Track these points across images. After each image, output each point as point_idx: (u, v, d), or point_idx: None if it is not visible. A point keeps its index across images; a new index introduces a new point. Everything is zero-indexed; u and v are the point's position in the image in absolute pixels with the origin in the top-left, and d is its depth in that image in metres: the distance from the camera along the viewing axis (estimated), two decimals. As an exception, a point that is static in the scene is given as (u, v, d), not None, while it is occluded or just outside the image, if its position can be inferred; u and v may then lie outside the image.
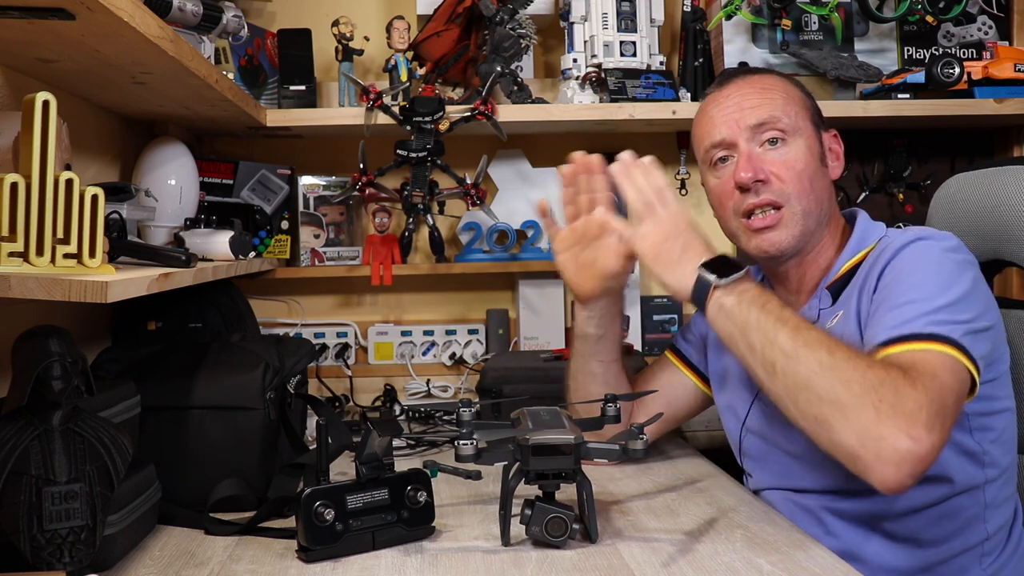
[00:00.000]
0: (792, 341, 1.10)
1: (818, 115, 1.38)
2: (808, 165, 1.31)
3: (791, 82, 1.38)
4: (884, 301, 1.19)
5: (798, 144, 1.31)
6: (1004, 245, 1.44)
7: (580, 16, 2.01)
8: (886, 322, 1.14)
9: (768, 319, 1.13)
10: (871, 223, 1.37)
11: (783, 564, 1.07)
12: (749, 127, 1.31)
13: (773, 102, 1.32)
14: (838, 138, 1.39)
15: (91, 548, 0.98)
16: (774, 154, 1.31)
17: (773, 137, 1.31)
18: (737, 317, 1.15)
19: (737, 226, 1.34)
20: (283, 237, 2.01)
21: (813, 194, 1.31)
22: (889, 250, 1.24)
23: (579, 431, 1.16)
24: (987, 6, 2.16)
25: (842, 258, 1.33)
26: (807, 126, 1.34)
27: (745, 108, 1.32)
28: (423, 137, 1.94)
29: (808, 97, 1.38)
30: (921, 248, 1.22)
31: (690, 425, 1.90)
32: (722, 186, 1.35)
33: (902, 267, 1.21)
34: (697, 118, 1.41)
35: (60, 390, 0.97)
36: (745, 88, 1.35)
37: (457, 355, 2.15)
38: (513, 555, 1.11)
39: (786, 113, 1.32)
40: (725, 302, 1.17)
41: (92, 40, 1.13)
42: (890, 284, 1.20)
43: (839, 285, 1.31)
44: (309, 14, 2.15)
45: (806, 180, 1.30)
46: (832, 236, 1.36)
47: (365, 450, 1.16)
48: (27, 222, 0.94)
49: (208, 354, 1.39)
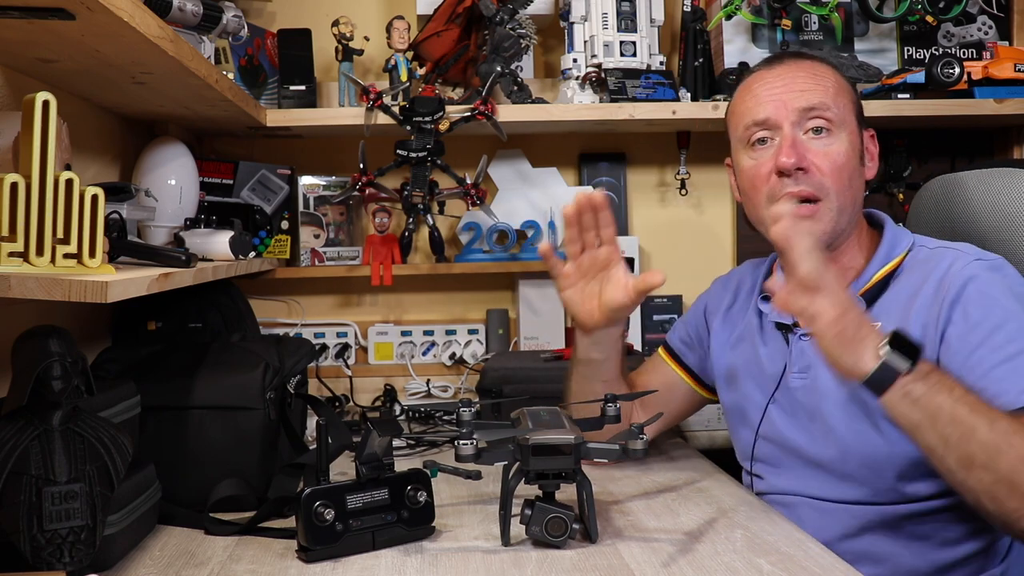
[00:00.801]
0: (991, 434, 1.04)
1: (861, 112, 1.35)
2: (849, 161, 1.28)
3: (843, 74, 1.35)
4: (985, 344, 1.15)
5: (842, 138, 1.28)
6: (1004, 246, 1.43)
7: (580, 16, 2.01)
8: (1013, 380, 1.12)
9: (962, 408, 1.06)
10: (897, 228, 1.35)
11: (783, 564, 1.07)
12: (797, 110, 1.28)
13: (825, 89, 1.29)
14: (875, 139, 1.36)
15: (91, 548, 0.98)
16: (818, 143, 1.28)
17: (819, 126, 1.28)
18: (928, 407, 1.06)
19: (766, 214, 1.29)
20: (283, 237, 2.01)
21: (850, 191, 1.28)
22: (957, 279, 1.20)
23: (579, 431, 1.16)
24: (987, 6, 2.16)
25: (873, 264, 1.31)
26: (852, 121, 1.31)
27: (795, 90, 1.29)
28: (423, 137, 1.94)
29: (856, 92, 1.35)
30: (997, 281, 1.20)
31: (690, 425, 1.90)
32: (757, 168, 1.31)
33: (989, 306, 1.17)
34: (739, 94, 1.37)
35: (60, 390, 0.97)
36: (797, 71, 1.31)
37: (457, 355, 2.15)
38: (513, 555, 1.11)
39: (836, 103, 1.29)
40: (913, 390, 1.06)
41: (92, 40, 1.13)
42: (982, 324, 1.16)
43: (873, 293, 1.29)
44: (309, 14, 2.15)
45: (846, 176, 1.27)
46: (857, 237, 1.34)
47: (365, 450, 1.16)
48: (27, 222, 0.94)
49: (208, 354, 1.39)
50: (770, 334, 1.39)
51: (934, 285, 1.22)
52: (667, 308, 2.20)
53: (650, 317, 2.19)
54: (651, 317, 2.20)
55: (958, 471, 1.07)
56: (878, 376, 1.07)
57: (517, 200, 2.16)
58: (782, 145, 1.28)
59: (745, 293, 1.48)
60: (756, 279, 1.47)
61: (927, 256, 1.27)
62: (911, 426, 1.09)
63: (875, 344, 1.07)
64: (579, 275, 1.37)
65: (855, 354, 1.07)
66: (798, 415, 1.33)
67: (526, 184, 2.17)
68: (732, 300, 1.50)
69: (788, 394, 1.35)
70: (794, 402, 1.34)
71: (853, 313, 1.08)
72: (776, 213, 1.10)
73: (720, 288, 1.55)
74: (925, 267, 1.25)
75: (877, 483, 1.24)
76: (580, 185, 2.21)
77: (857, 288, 1.30)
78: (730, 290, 1.52)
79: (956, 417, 1.05)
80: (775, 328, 1.39)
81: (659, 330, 2.18)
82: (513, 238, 2.10)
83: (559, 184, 2.18)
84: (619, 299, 1.34)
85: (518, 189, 2.17)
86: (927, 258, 1.27)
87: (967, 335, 1.16)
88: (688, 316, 1.59)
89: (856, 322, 1.08)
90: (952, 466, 1.07)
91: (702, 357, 1.53)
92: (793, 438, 1.33)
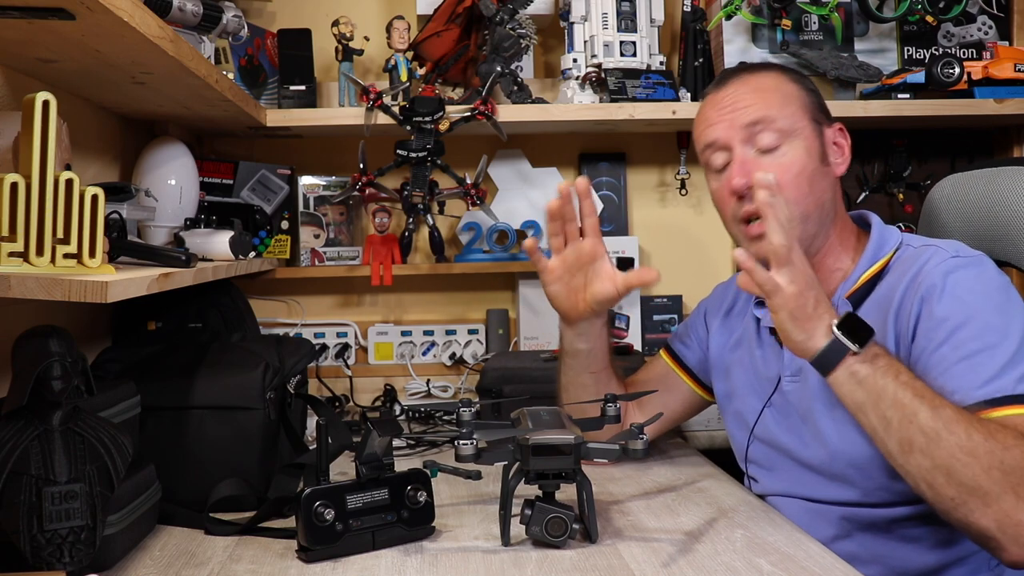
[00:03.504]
0: (933, 421, 1.06)
1: (820, 110, 1.34)
2: (805, 167, 1.28)
3: (790, 78, 1.35)
4: (948, 342, 1.15)
5: (795, 146, 1.29)
6: (1002, 245, 1.44)
7: (580, 16, 2.01)
8: (969, 378, 1.12)
9: (906, 393, 1.09)
10: (885, 228, 1.34)
11: (783, 564, 1.07)
12: (742, 126, 1.29)
13: (768, 102, 1.30)
14: (844, 132, 1.35)
15: (91, 548, 0.98)
16: (769, 158, 1.28)
17: (768, 145, 1.28)
18: (872, 387, 1.10)
19: (736, 231, 1.32)
20: (283, 237, 2.01)
21: (812, 195, 1.28)
22: (929, 276, 1.20)
23: (579, 431, 1.16)
24: (987, 6, 2.16)
25: (860, 266, 1.31)
26: (805, 124, 1.30)
27: (739, 108, 1.30)
28: (423, 137, 1.94)
29: (809, 92, 1.34)
30: (969, 278, 1.20)
31: (690, 425, 1.90)
32: (721, 191, 1.33)
33: (956, 303, 1.17)
34: (696, 119, 1.39)
35: (60, 390, 0.97)
36: (740, 88, 1.32)
37: (457, 355, 2.15)
38: (513, 555, 1.11)
39: (782, 114, 1.29)
40: (859, 370, 1.11)
41: (92, 40, 1.13)
42: (947, 321, 1.16)
43: (860, 295, 1.29)
44: (309, 14, 2.15)
45: (804, 183, 1.27)
46: (841, 238, 1.34)
47: (365, 450, 1.16)
48: (27, 222, 0.94)
49: (208, 354, 1.39)
50: (766, 339, 1.40)
51: (908, 283, 1.23)
52: (667, 308, 2.20)
53: (650, 317, 2.20)
54: (651, 317, 2.20)
55: (898, 455, 1.10)
56: (826, 353, 1.11)
57: (517, 200, 2.16)
58: (733, 167, 1.30)
59: (744, 298, 1.49)
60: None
61: (911, 255, 1.27)
62: (855, 406, 1.13)
63: (827, 323, 1.12)
64: (564, 269, 1.40)
65: (807, 331, 1.12)
66: (791, 418, 1.33)
67: (526, 184, 2.17)
68: (731, 305, 1.51)
69: (782, 397, 1.35)
70: (787, 405, 1.34)
71: (813, 292, 1.12)
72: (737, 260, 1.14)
73: (720, 293, 1.56)
74: (906, 266, 1.26)
75: (867, 484, 1.24)
76: (580, 185, 2.21)
77: (844, 290, 1.30)
78: (729, 295, 1.53)
79: (899, 400, 1.09)
80: (770, 333, 1.39)
81: (659, 330, 2.18)
82: (513, 238, 2.10)
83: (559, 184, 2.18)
84: (607, 291, 1.37)
85: (518, 189, 2.17)
86: (910, 256, 1.27)
87: (933, 331, 1.17)
88: (690, 320, 1.60)
89: (814, 301, 1.12)
90: (892, 449, 1.10)
91: (702, 359, 1.54)
92: (785, 440, 1.34)
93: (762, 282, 1.12)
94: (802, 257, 1.13)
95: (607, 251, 1.40)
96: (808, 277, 1.13)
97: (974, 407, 1.10)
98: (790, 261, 1.11)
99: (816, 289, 1.13)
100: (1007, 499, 1.03)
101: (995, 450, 1.04)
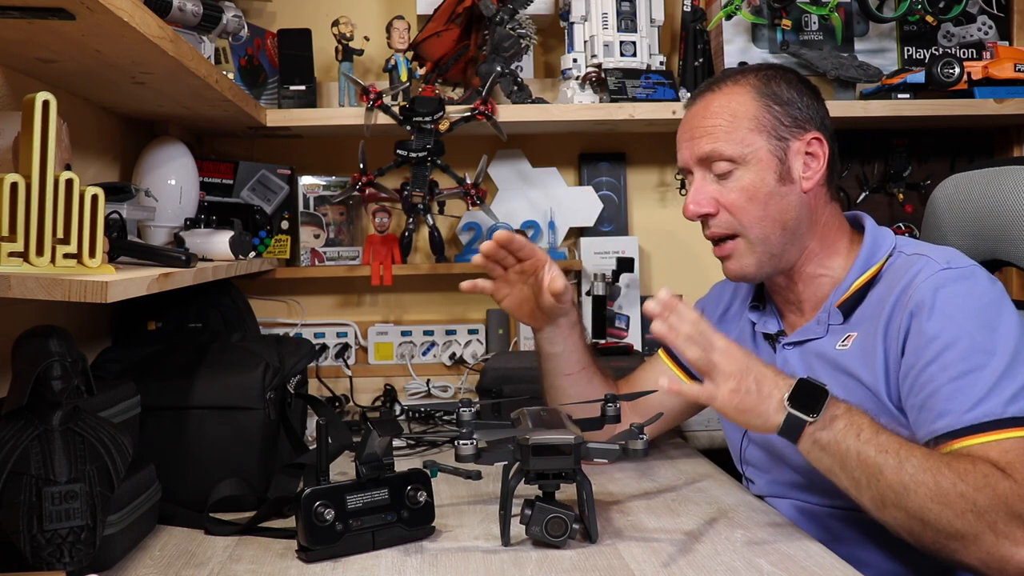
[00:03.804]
0: (898, 475, 1.06)
1: (784, 124, 1.29)
2: (758, 191, 1.27)
3: (753, 95, 1.30)
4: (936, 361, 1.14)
5: (749, 169, 1.28)
6: (1002, 245, 1.44)
7: (580, 16, 2.01)
8: (958, 400, 1.12)
9: (868, 450, 1.08)
10: (879, 232, 1.33)
11: (783, 564, 1.07)
12: (697, 158, 1.31)
13: (714, 132, 1.29)
14: (820, 140, 1.30)
15: (91, 548, 0.98)
16: (725, 183, 1.29)
17: (722, 172, 1.29)
18: (836, 452, 1.10)
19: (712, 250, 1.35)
20: (283, 237, 2.01)
21: (768, 218, 1.28)
22: (919, 290, 1.19)
23: (579, 431, 1.16)
24: (987, 6, 2.16)
25: (852, 274, 1.30)
26: (760, 145, 1.28)
27: (696, 138, 1.32)
28: (423, 137, 1.94)
29: (770, 105, 1.29)
30: (960, 294, 1.18)
31: (690, 425, 1.90)
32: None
33: (945, 321, 1.16)
34: None
35: (60, 390, 0.97)
36: (700, 112, 1.33)
37: (457, 355, 2.15)
38: (513, 555, 1.11)
39: (730, 140, 1.28)
40: (821, 437, 1.10)
41: (92, 40, 1.13)
42: (936, 340, 1.15)
43: (851, 304, 1.28)
44: (309, 14, 2.15)
45: (758, 207, 1.28)
46: (825, 244, 1.32)
47: (365, 450, 1.16)
48: (27, 222, 0.94)
49: (208, 354, 1.39)
50: (760, 343, 1.41)
51: (898, 295, 1.22)
52: (667, 308, 2.20)
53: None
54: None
55: (873, 510, 1.10)
56: (786, 429, 1.10)
57: (517, 200, 2.16)
58: (688, 195, 1.32)
59: (740, 300, 1.50)
60: (750, 287, 1.47)
61: (903, 263, 1.26)
62: (825, 470, 1.12)
63: (779, 399, 1.10)
64: (508, 285, 1.46)
65: (761, 415, 1.11)
66: None
67: (526, 184, 2.17)
68: (727, 306, 1.52)
69: None
70: None
71: (751, 374, 1.11)
72: (647, 312, 1.14)
73: (717, 294, 1.57)
74: (897, 275, 1.25)
75: None
76: (580, 185, 2.21)
77: (836, 298, 1.30)
78: (726, 296, 1.53)
79: (863, 460, 1.08)
80: (764, 338, 1.40)
81: (659, 330, 2.18)
82: (513, 238, 2.10)
83: (559, 184, 2.19)
84: (549, 299, 1.41)
85: (518, 189, 2.17)
86: (902, 264, 1.26)
87: (922, 349, 1.16)
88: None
89: (755, 384, 1.10)
90: (867, 505, 1.11)
91: None
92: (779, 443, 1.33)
93: (696, 397, 1.13)
94: (726, 344, 1.12)
95: (548, 259, 1.43)
96: (740, 362, 1.11)
97: (963, 432, 1.10)
98: (713, 364, 1.10)
99: (755, 368, 1.11)
100: (986, 538, 1.04)
101: (966, 493, 1.04)
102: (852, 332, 1.27)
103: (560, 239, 2.15)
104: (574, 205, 2.17)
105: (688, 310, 1.12)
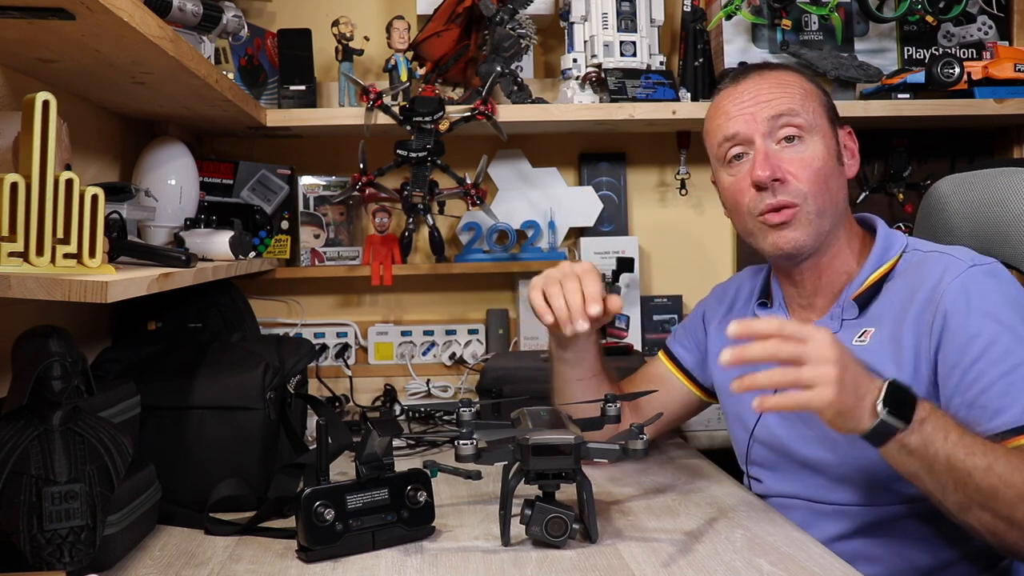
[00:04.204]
0: (987, 478, 1.05)
1: (834, 112, 1.35)
2: (825, 163, 1.29)
3: (808, 77, 1.36)
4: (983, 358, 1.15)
5: (815, 141, 1.29)
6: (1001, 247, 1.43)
7: (580, 16, 2.01)
8: (1012, 396, 1.12)
9: (957, 453, 1.06)
10: (890, 231, 1.34)
11: (783, 564, 1.07)
12: (766, 119, 1.29)
13: (791, 96, 1.30)
14: (852, 135, 1.37)
15: (91, 548, 0.98)
16: (791, 152, 1.28)
17: (790, 135, 1.29)
18: (924, 456, 1.07)
19: (753, 225, 1.31)
20: (283, 237, 2.01)
21: (828, 193, 1.29)
22: (951, 288, 1.19)
23: (579, 431, 1.16)
24: (987, 6, 2.16)
25: (866, 268, 1.30)
26: (824, 123, 1.31)
27: (761, 101, 1.30)
28: (423, 137, 1.94)
29: (825, 93, 1.35)
30: (992, 290, 1.19)
31: (690, 425, 1.90)
32: (737, 184, 1.32)
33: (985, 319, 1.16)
34: (710, 112, 1.38)
35: (60, 390, 0.97)
36: (761, 83, 1.32)
37: (457, 355, 2.15)
38: (513, 555, 1.11)
39: (804, 108, 1.30)
40: (909, 442, 1.06)
41: (92, 40, 1.13)
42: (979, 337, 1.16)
43: (866, 298, 1.28)
44: (309, 14, 2.15)
45: (823, 179, 1.28)
46: (848, 240, 1.34)
47: (365, 450, 1.16)
48: (27, 222, 0.94)
49: (208, 354, 1.39)
50: None
51: (927, 292, 1.21)
52: (667, 308, 2.21)
53: (650, 317, 2.20)
54: (651, 317, 2.20)
55: (957, 513, 1.09)
56: (875, 433, 1.06)
57: (517, 200, 2.16)
58: (756, 159, 1.29)
59: (743, 300, 1.49)
60: (754, 286, 1.47)
61: (921, 260, 1.27)
62: (909, 474, 1.10)
63: (871, 402, 1.05)
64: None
65: (855, 418, 1.05)
66: (792, 419, 1.33)
67: (526, 184, 2.17)
68: (730, 306, 1.51)
69: None
70: None
71: (849, 373, 1.04)
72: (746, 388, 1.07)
73: (719, 294, 1.56)
74: (919, 272, 1.25)
75: (872, 485, 1.24)
76: (580, 185, 2.21)
77: (851, 292, 1.30)
78: (728, 296, 1.53)
79: (952, 464, 1.06)
80: None
81: (659, 330, 2.18)
82: (513, 238, 2.10)
83: (559, 184, 2.19)
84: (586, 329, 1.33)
85: (518, 189, 2.17)
86: (921, 262, 1.27)
87: (966, 347, 1.16)
88: (687, 321, 1.59)
89: (854, 384, 1.04)
90: (951, 508, 1.09)
91: (700, 361, 1.54)
92: (788, 442, 1.33)
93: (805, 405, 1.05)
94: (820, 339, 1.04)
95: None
96: (844, 360, 1.04)
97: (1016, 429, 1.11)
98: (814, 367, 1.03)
99: (851, 370, 1.05)
100: None
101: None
102: (869, 328, 1.26)
103: (560, 239, 2.15)
104: (574, 205, 2.17)
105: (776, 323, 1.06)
